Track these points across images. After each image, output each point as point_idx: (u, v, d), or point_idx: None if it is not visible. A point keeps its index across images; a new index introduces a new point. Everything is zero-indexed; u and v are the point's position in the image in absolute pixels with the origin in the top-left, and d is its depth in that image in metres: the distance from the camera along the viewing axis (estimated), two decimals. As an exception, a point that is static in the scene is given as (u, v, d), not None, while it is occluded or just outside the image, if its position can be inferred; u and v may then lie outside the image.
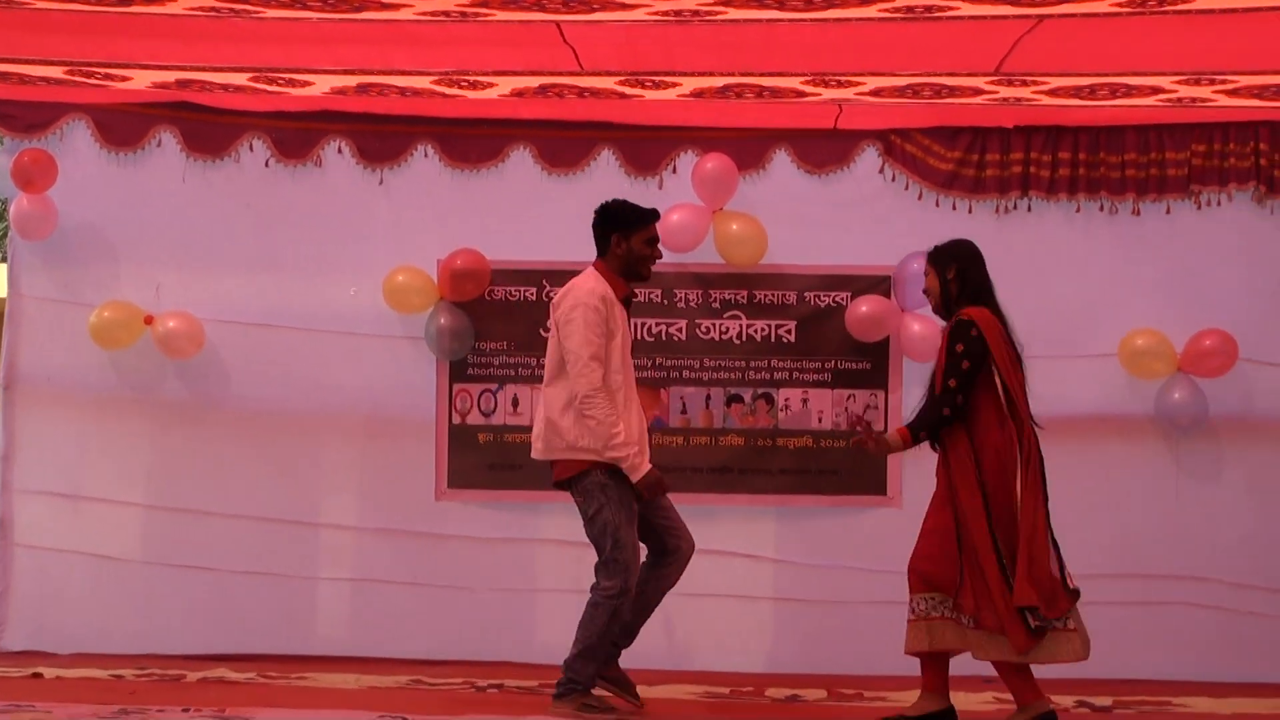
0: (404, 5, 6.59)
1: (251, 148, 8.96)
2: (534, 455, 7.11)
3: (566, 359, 6.87)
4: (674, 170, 8.90)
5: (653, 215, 7.13)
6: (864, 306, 8.69)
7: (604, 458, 6.79)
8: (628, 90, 8.00)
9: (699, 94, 8.04)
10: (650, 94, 8.06)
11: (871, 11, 6.57)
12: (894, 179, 8.89)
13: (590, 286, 6.92)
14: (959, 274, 6.83)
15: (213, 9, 6.75)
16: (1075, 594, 6.56)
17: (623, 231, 7.03)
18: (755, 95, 8.00)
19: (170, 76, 8.07)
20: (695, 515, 7.74)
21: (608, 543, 6.84)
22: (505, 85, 7.97)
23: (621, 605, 6.84)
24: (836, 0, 6.42)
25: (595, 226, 7.12)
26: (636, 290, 7.40)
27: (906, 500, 8.67)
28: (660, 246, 7.22)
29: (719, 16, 6.69)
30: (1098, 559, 8.57)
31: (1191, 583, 8.64)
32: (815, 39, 7.00)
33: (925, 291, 7.02)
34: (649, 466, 6.83)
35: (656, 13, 6.62)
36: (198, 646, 8.61)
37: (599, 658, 6.90)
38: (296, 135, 8.93)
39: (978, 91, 7.86)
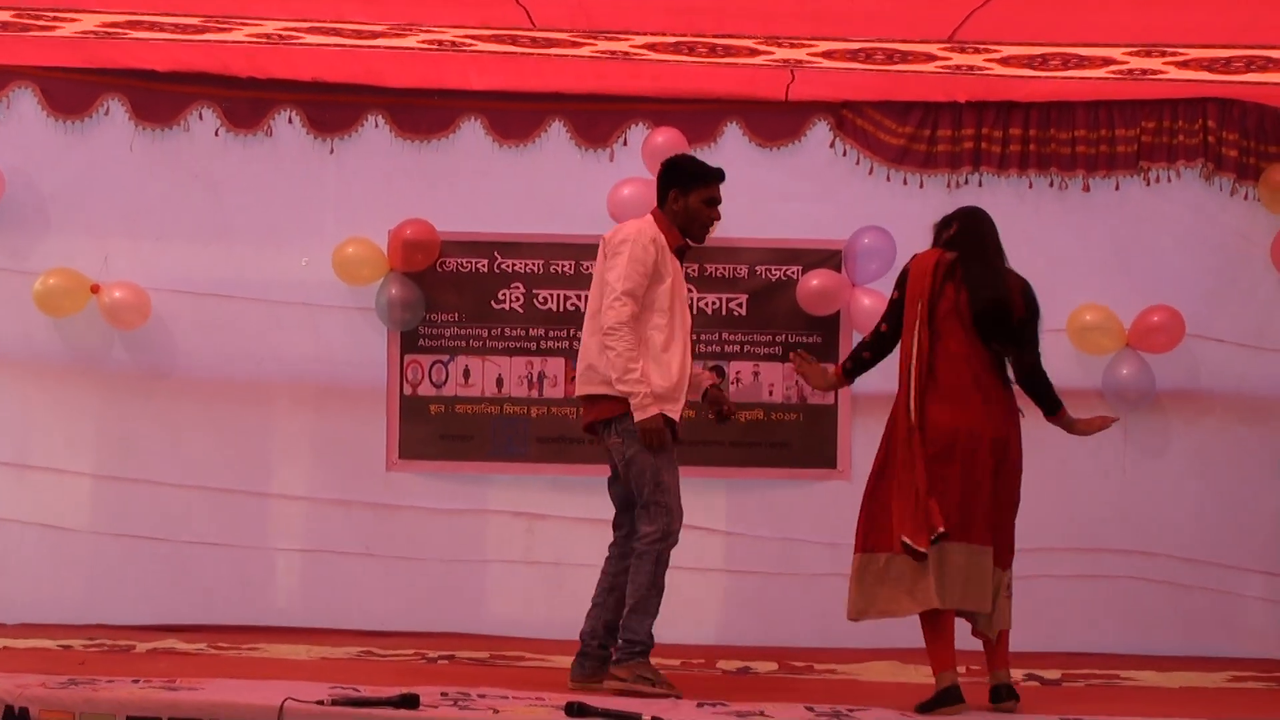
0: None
1: (201, 117, 8.90)
2: (576, 393, 6.88)
3: (604, 291, 6.64)
4: (624, 143, 8.90)
5: (716, 174, 6.87)
6: (815, 280, 8.71)
7: (615, 390, 6.56)
8: (581, 39, 7.91)
9: (651, 47, 7.98)
10: (603, 44, 7.97)
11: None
12: (845, 153, 8.90)
13: (642, 227, 6.70)
14: (958, 231, 6.69)
15: None
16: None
17: (681, 187, 6.79)
18: (708, 52, 7.96)
19: (120, 17, 7.90)
20: (647, 487, 7.74)
21: (647, 486, 6.60)
22: (458, 33, 7.87)
23: (666, 550, 6.62)
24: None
25: (658, 178, 6.89)
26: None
27: (856, 473, 8.70)
28: (613, 219, 6.99)
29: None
30: (1046, 533, 8.64)
31: (1139, 557, 8.71)
32: (769, 2, 6.97)
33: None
34: (657, 411, 6.55)
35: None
36: (147, 617, 8.58)
37: (653, 611, 6.64)
38: (246, 104, 8.87)
39: (930, 58, 7.86)
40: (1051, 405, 6.65)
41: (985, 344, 6.45)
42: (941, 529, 6.22)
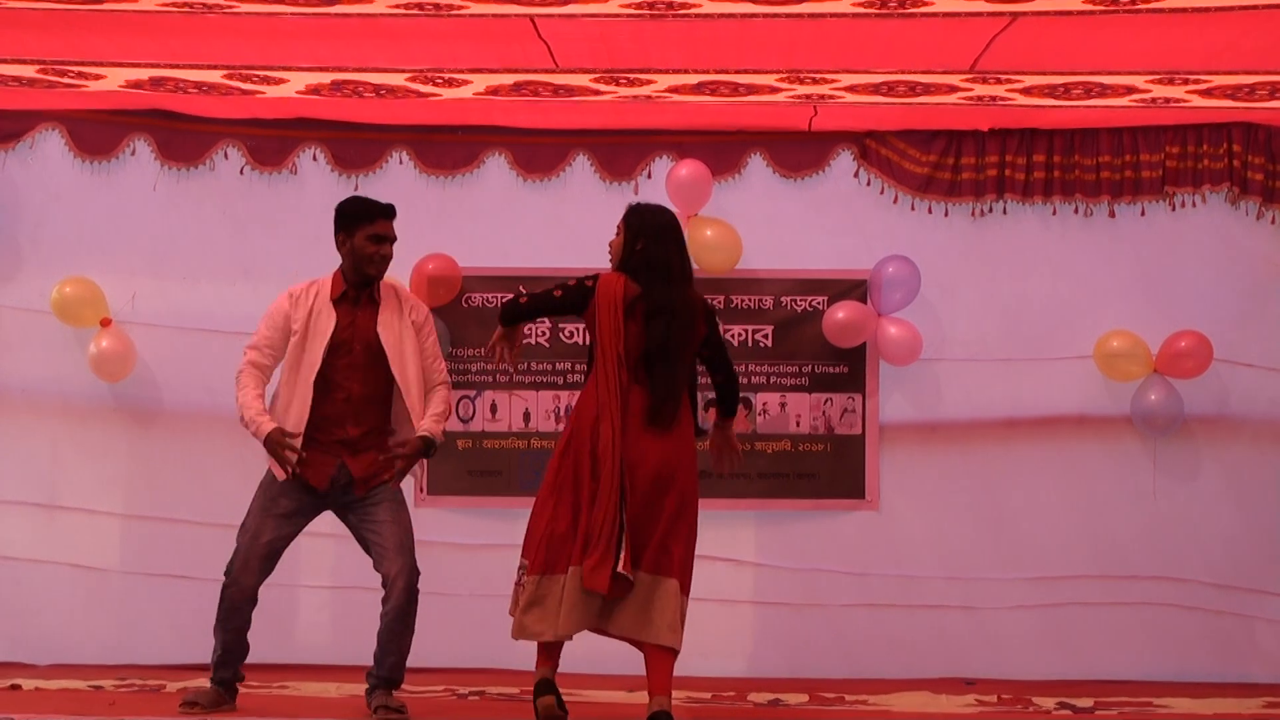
0: (376, -1, 6.60)
1: (226, 155, 8.94)
2: None
3: None
4: (649, 175, 8.91)
5: (380, 210, 6.87)
6: (840, 313, 8.70)
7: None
8: (603, 87, 7.99)
9: (674, 90, 8.03)
10: (624, 90, 8.04)
11: (845, 6, 6.58)
12: (869, 183, 8.90)
13: (300, 284, 6.88)
14: (645, 248, 6.62)
15: (185, 4, 6.73)
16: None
17: (346, 230, 6.84)
18: (730, 92, 8.01)
19: (144, 74, 8.01)
20: (675, 520, 7.72)
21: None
22: (480, 83, 7.95)
23: (227, 587, 6.76)
24: (811, -7, 6.45)
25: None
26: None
27: (884, 504, 8.70)
28: None
29: (693, 10, 6.69)
30: (1077, 561, 8.64)
31: (1171, 583, 8.67)
32: (790, 35, 7.01)
33: (610, 245, 6.82)
34: (271, 427, 6.60)
35: (630, 5, 6.61)
36: (177, 656, 8.56)
37: (216, 637, 6.83)
38: (271, 143, 8.91)
39: (952, 89, 7.88)
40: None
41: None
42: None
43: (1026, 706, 7.38)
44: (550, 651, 6.44)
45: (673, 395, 6.45)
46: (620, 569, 6.28)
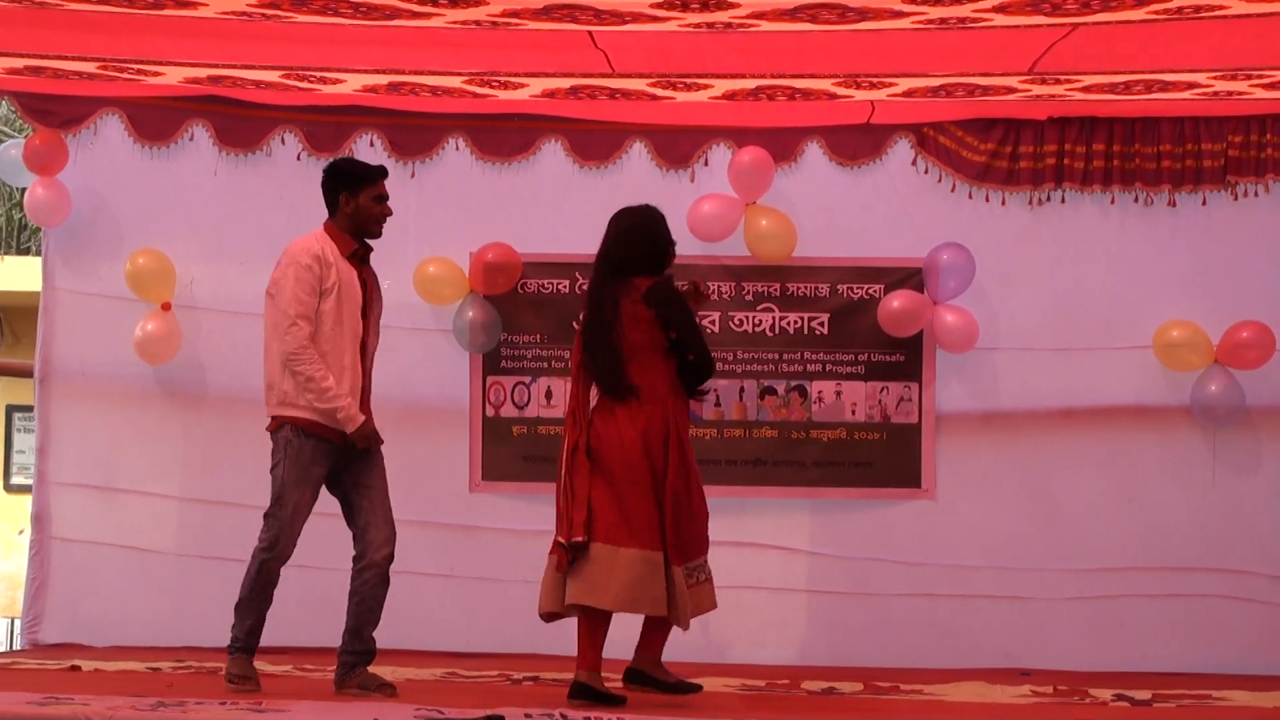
0: (435, 14, 6.60)
1: (283, 141, 8.98)
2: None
3: (276, 318, 6.75)
4: (705, 163, 8.90)
5: (380, 171, 6.90)
6: (896, 301, 8.67)
7: (315, 412, 6.67)
8: (659, 92, 7.99)
9: (730, 96, 8.02)
10: (681, 95, 8.04)
11: (905, 24, 6.58)
12: (927, 171, 8.87)
13: (306, 246, 6.76)
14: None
15: (244, 13, 6.76)
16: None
17: (350, 190, 6.81)
18: (787, 97, 7.99)
19: (202, 73, 8.08)
20: (729, 507, 7.74)
21: (272, 497, 6.80)
22: (536, 86, 7.97)
23: (269, 562, 6.76)
24: (870, 14, 6.42)
25: (323, 187, 6.91)
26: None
27: (941, 493, 8.67)
28: (694, 235, 7.05)
29: (752, 28, 6.69)
30: (1135, 552, 8.59)
31: (1230, 575, 8.61)
32: (848, 45, 7.01)
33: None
34: (363, 418, 6.70)
35: (689, 25, 6.63)
36: (233, 639, 8.62)
37: (251, 613, 6.80)
38: (328, 129, 8.94)
39: (1011, 90, 7.85)
40: None
41: None
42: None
43: (1083, 698, 7.34)
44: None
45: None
46: None
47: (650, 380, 6.54)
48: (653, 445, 6.49)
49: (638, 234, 6.74)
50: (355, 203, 6.82)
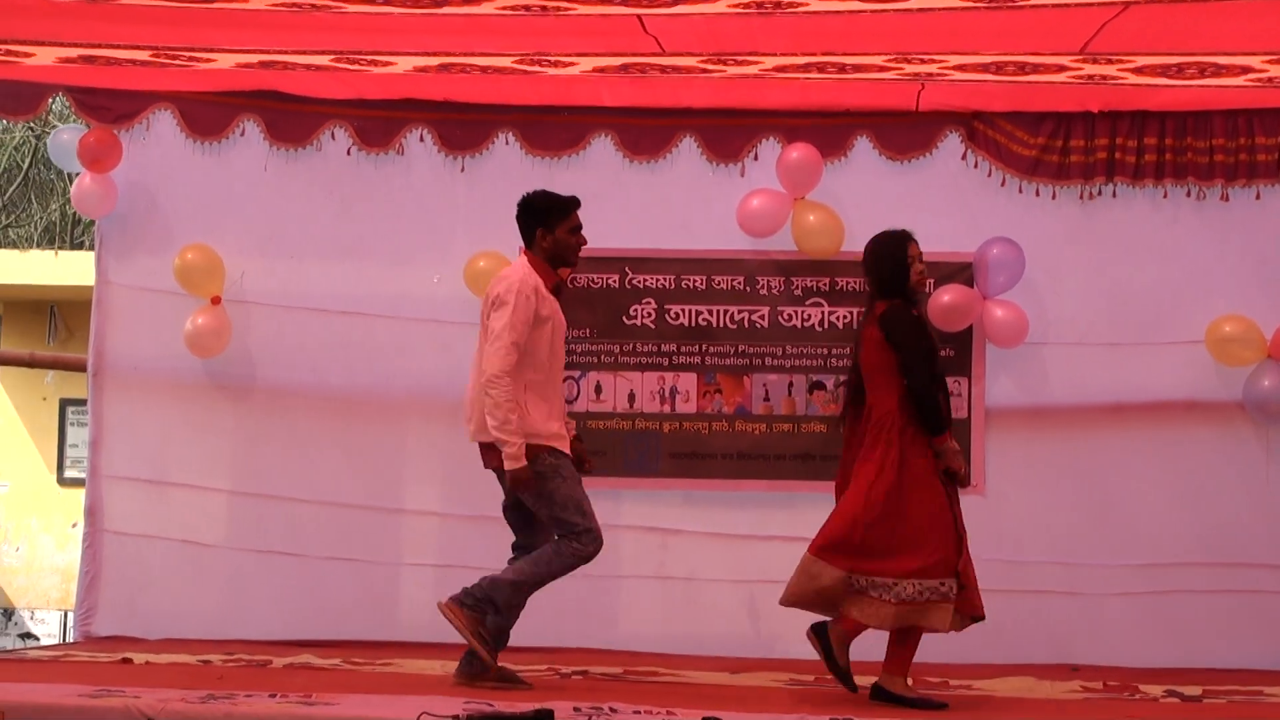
0: (484, 0, 6.62)
1: (334, 136, 9.00)
2: (470, 439, 6.98)
3: (489, 339, 6.77)
4: (755, 157, 8.88)
5: (573, 203, 7.01)
6: (946, 296, 8.63)
7: (491, 436, 6.69)
8: (710, 67, 7.96)
9: (781, 70, 8.00)
10: (732, 69, 8.02)
11: (955, 2, 6.56)
12: (976, 165, 8.83)
13: (524, 278, 6.80)
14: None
15: (294, 4, 6.79)
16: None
17: (546, 225, 6.92)
18: (838, 71, 7.96)
19: (254, 58, 8.11)
20: (778, 502, 7.74)
21: (574, 515, 6.77)
22: (587, 64, 7.95)
23: (580, 563, 6.82)
24: (920, -7, 6.43)
25: (518, 220, 7.02)
26: (724, 278, 7.16)
27: (990, 489, 8.63)
28: (742, 230, 7.07)
29: (801, 8, 6.68)
30: (1187, 547, 8.55)
31: (1281, 571, 8.55)
32: (898, 24, 6.99)
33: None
34: (525, 464, 6.67)
35: (738, 5, 6.61)
36: (283, 632, 8.66)
37: (524, 601, 6.85)
38: (378, 123, 8.96)
39: (1061, 69, 7.79)
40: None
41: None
42: None
43: (1133, 694, 7.30)
44: None
45: None
46: None
47: (879, 400, 6.68)
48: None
49: (871, 258, 6.89)
50: (552, 237, 6.94)
